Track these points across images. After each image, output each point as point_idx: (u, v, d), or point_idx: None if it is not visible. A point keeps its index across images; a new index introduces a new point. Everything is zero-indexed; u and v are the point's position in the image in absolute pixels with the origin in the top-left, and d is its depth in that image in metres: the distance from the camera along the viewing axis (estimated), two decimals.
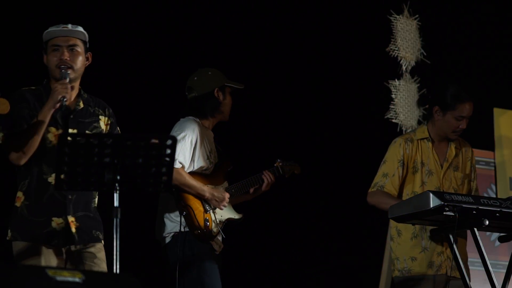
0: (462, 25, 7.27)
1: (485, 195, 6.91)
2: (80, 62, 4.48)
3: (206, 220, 4.92)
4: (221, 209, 4.99)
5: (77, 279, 3.09)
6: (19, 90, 4.48)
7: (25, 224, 4.34)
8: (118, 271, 3.72)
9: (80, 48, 4.48)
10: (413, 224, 5.23)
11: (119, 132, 4.65)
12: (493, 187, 7.17)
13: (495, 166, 7.19)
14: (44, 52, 4.52)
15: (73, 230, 4.37)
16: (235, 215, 5.08)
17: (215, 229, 4.95)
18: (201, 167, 5.01)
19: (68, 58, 4.43)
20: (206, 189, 4.96)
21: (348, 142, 6.15)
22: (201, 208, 4.95)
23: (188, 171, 4.98)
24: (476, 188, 5.59)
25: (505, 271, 5.24)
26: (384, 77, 7.03)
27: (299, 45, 6.80)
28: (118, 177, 3.72)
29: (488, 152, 7.16)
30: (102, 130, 4.54)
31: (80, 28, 4.53)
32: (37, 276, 3.03)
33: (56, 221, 4.35)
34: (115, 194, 3.73)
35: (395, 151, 5.43)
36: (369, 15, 7.01)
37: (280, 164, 5.35)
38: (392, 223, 5.43)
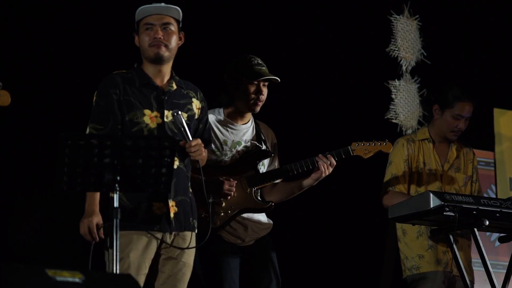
0: (462, 25, 7.27)
1: (485, 195, 6.91)
2: (174, 41, 4.36)
3: (205, 213, 4.84)
4: (223, 199, 4.84)
5: (77, 279, 3.10)
6: (109, 75, 4.35)
7: (124, 213, 4.11)
8: (118, 271, 3.73)
9: (174, 27, 4.35)
10: (413, 224, 5.24)
11: (208, 118, 4.55)
12: (493, 187, 7.17)
13: (495, 167, 7.19)
14: (136, 32, 4.39)
15: (172, 215, 4.24)
16: (255, 204, 4.91)
17: (217, 221, 4.82)
18: (207, 159, 4.93)
19: (161, 37, 4.31)
20: (202, 181, 4.85)
21: (348, 142, 6.10)
22: (199, 200, 4.86)
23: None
24: (479, 190, 5.60)
25: (505, 271, 5.25)
26: (384, 77, 7.03)
27: (299, 45, 6.80)
28: (118, 178, 3.72)
29: (488, 152, 7.17)
30: (195, 113, 4.43)
31: (174, 7, 4.37)
32: (37, 276, 3.04)
33: (157, 206, 4.22)
34: (114, 195, 3.73)
35: (400, 152, 5.46)
36: (369, 15, 7.01)
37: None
38: (397, 224, 5.45)
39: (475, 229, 4.99)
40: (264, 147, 5.04)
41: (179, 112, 4.25)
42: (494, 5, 7.38)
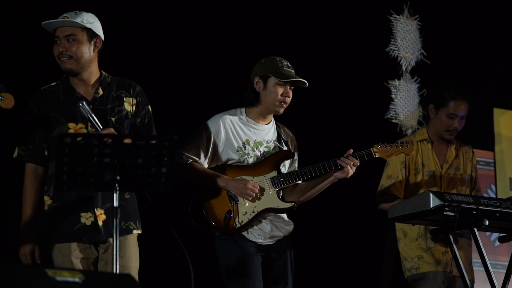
0: (462, 25, 7.27)
1: (485, 195, 6.91)
2: (82, 50, 4.39)
3: (228, 213, 4.82)
4: (247, 198, 4.82)
5: (76, 279, 3.10)
6: (38, 91, 4.45)
7: (55, 226, 4.31)
8: (118, 271, 3.72)
9: (80, 36, 4.39)
10: (413, 224, 5.24)
11: (149, 110, 4.54)
12: (493, 187, 7.17)
13: (495, 166, 7.19)
14: None
15: (100, 223, 4.31)
16: (278, 204, 4.89)
17: (240, 220, 4.85)
18: (230, 159, 4.92)
19: (63, 50, 4.38)
20: (224, 180, 4.84)
21: (348, 142, 6.13)
22: (223, 200, 4.87)
23: (214, 165, 4.93)
24: (478, 188, 5.60)
25: (505, 271, 5.25)
26: (384, 77, 7.04)
27: (299, 45, 6.80)
28: (118, 177, 3.72)
29: (488, 152, 7.17)
30: (128, 111, 4.46)
31: (81, 15, 4.42)
32: (37, 276, 3.04)
33: (85, 216, 4.31)
34: (114, 194, 3.73)
35: None
36: (369, 15, 7.01)
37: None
38: (397, 225, 5.46)
39: (475, 229, 4.99)
40: (285, 148, 5.05)
41: (83, 103, 4.30)
42: (494, 5, 7.38)
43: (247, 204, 4.86)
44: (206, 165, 4.90)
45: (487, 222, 4.90)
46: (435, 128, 5.51)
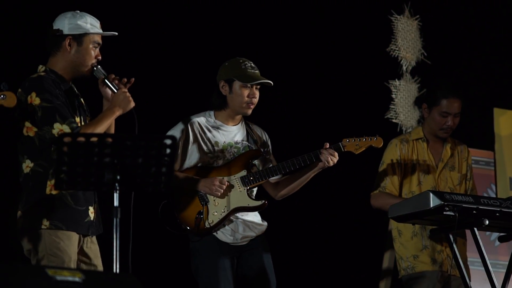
0: (463, 25, 7.27)
1: (485, 195, 6.91)
2: None
3: (198, 213, 4.87)
4: (216, 195, 4.85)
5: (77, 279, 3.10)
6: (42, 76, 4.35)
7: (70, 213, 4.28)
8: (118, 271, 3.73)
9: None
10: (413, 224, 5.25)
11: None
12: (493, 187, 7.18)
13: (495, 166, 7.19)
14: (75, 38, 4.41)
15: (95, 219, 4.41)
16: (249, 203, 4.94)
17: (211, 221, 4.89)
18: (199, 162, 4.98)
19: (99, 57, 4.45)
20: (193, 181, 4.89)
21: None
22: (193, 201, 4.91)
23: (184, 168, 4.97)
24: (472, 188, 5.61)
25: (505, 271, 5.26)
26: (385, 77, 7.04)
27: (299, 45, 6.80)
28: (118, 177, 3.72)
29: (488, 152, 7.17)
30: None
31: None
32: (37, 276, 3.04)
33: (91, 210, 4.37)
34: (115, 194, 3.73)
35: (392, 152, 5.48)
36: (370, 15, 7.01)
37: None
38: (393, 224, 5.47)
39: (475, 229, 4.99)
40: (255, 147, 5.08)
41: (98, 66, 4.39)
42: (494, 5, 7.39)
43: (217, 203, 4.90)
44: (176, 168, 4.93)
45: (487, 222, 4.91)
46: (429, 127, 5.52)
